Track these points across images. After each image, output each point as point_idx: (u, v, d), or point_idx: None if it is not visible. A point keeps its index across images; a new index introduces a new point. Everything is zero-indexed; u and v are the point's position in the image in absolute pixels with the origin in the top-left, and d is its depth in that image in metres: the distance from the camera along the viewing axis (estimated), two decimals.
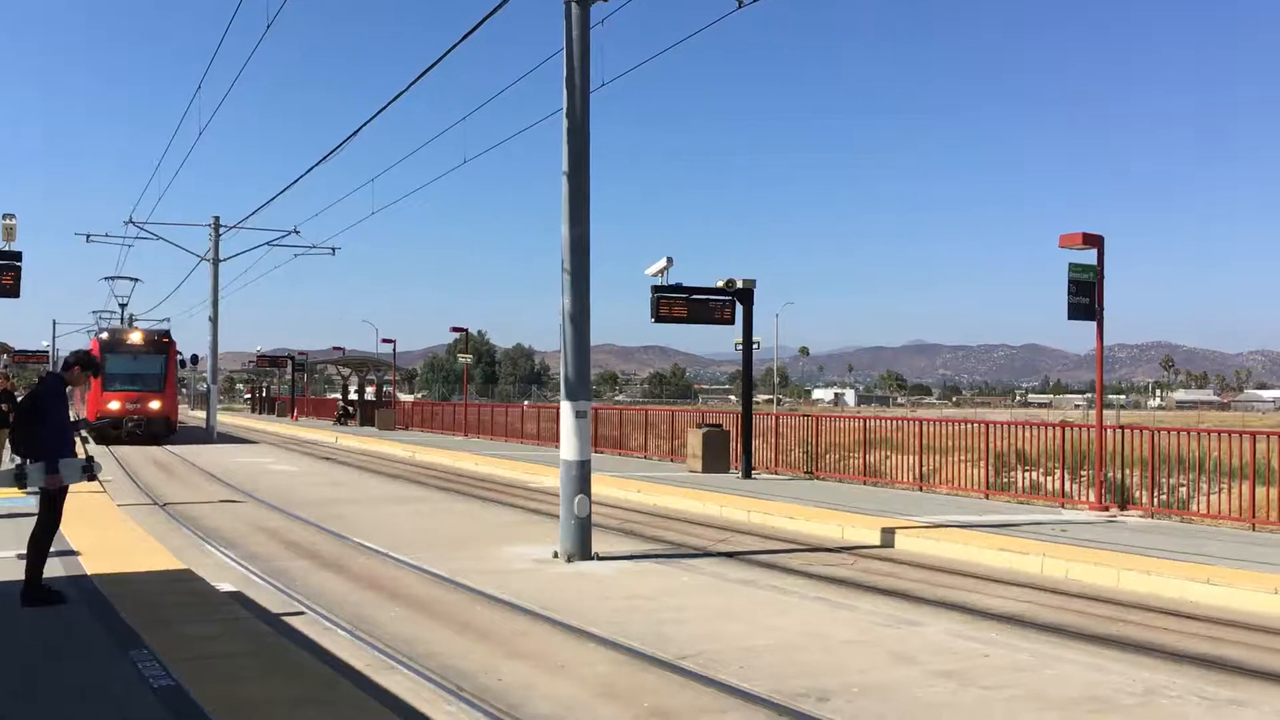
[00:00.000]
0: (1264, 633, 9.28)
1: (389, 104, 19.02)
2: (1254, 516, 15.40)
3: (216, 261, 44.80)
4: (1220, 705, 6.97)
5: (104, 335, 40.95)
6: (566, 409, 12.95)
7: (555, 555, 12.75)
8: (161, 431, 38.14)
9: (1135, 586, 11.14)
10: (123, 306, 60.29)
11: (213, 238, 45.00)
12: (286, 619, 9.19)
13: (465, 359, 51.56)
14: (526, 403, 65.44)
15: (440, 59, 16.28)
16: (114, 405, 36.76)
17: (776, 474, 24.05)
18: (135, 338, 40.18)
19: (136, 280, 57.19)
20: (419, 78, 17.18)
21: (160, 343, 39.96)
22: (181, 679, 6.33)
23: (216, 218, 45.02)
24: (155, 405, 37.98)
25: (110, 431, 36.35)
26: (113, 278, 56.45)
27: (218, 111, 27.07)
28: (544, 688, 7.24)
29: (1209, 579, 10.78)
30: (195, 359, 46.82)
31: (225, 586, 10.34)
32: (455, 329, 53.29)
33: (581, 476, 12.78)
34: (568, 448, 12.88)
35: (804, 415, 27.36)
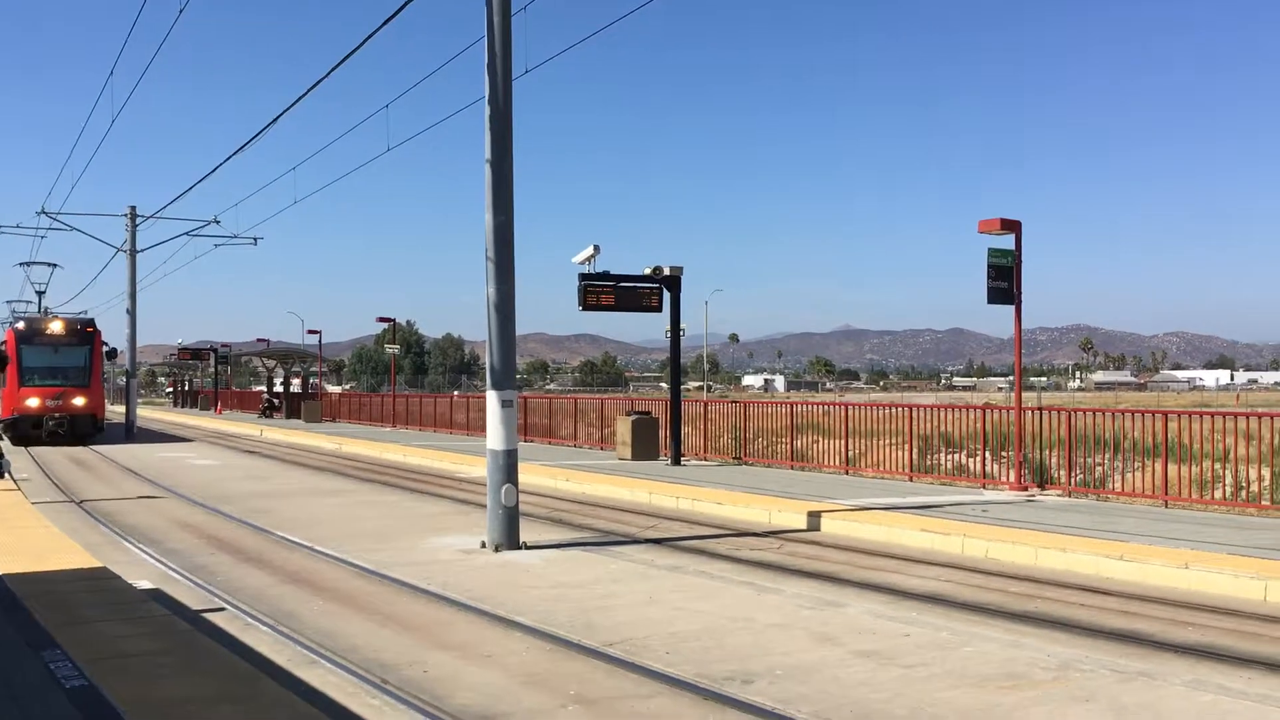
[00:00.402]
0: (1175, 606, 9.56)
1: (310, 90, 18.68)
2: (1167, 494, 15.85)
3: (134, 252, 43.73)
4: (1131, 677, 7.17)
5: (20, 325, 37.09)
6: (493, 398, 12.88)
7: (483, 545, 12.69)
8: (87, 430, 34.95)
9: (1052, 564, 11.41)
10: (40, 294, 57.77)
11: (129, 228, 43.91)
12: (206, 615, 9.04)
13: (393, 349, 51.06)
14: (456, 393, 65.06)
15: (362, 44, 16.05)
16: (33, 402, 33.89)
17: (705, 460, 24.19)
18: (56, 327, 36.26)
19: (55, 266, 53.37)
20: (340, 63, 16.91)
21: (84, 333, 36.16)
22: (95, 679, 6.19)
23: (133, 207, 43.90)
24: (79, 401, 34.74)
25: (30, 431, 33.47)
26: (28, 263, 52.67)
27: (132, 98, 26.37)
28: (469, 678, 7.22)
29: (1123, 555, 11.07)
30: (115, 353, 42.01)
31: (143, 584, 10.13)
32: (382, 319, 52.83)
33: (509, 465, 12.73)
34: (494, 437, 12.82)
35: (732, 402, 27.55)
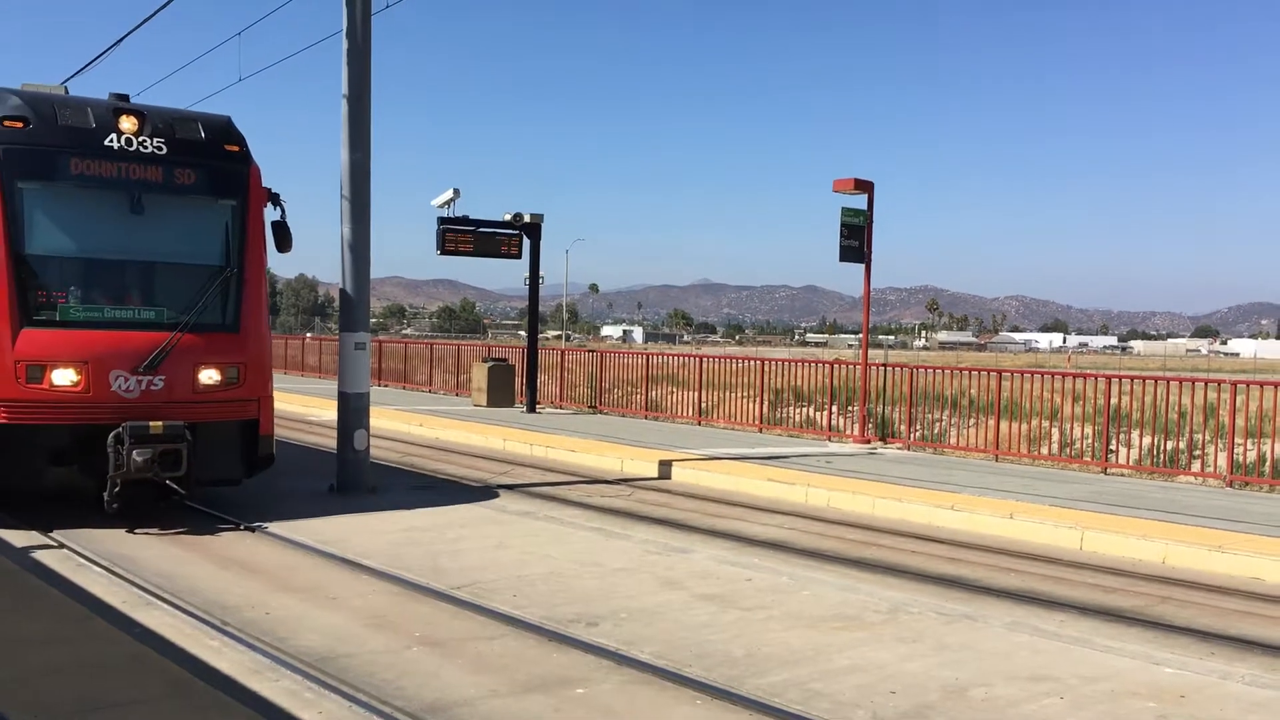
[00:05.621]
0: (999, 554, 10.12)
1: (157, 12, 17.81)
2: (999, 448, 16.67)
3: None
4: (955, 619, 7.58)
5: (21, 114, 10.16)
6: (345, 340, 12.67)
7: (332, 489, 12.52)
8: (231, 469, 10.90)
9: (889, 513, 11.91)
10: None
11: None
12: (36, 555, 8.70)
13: None
14: (309, 335, 63.43)
15: None
16: (66, 377, 9.77)
17: (561, 408, 24.29)
18: (130, 127, 10.48)
19: None
20: None
21: (221, 156, 11.11)
22: None
23: None
24: (213, 376, 10.50)
25: (50, 475, 9.96)
26: None
27: None
28: (314, 620, 7.16)
29: (954, 505, 11.63)
30: (288, 231, 11.74)
31: None
32: None
33: (360, 409, 12.56)
34: (346, 380, 12.62)
35: (589, 351, 27.67)
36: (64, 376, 9.77)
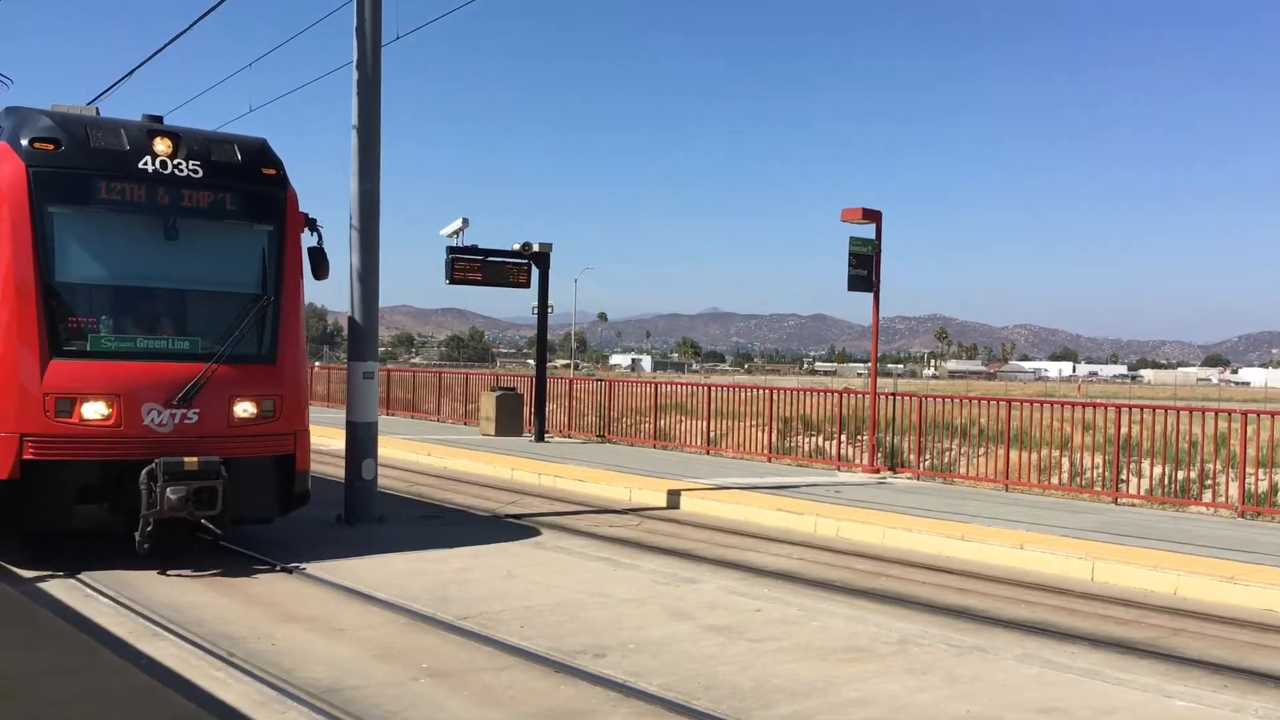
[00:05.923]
0: (1009, 584, 10.05)
1: (167, 45, 18.00)
2: (1008, 478, 16.59)
3: None
4: (966, 651, 7.52)
5: (45, 135, 9.74)
6: (354, 370, 12.70)
7: (339, 518, 12.50)
8: (264, 507, 10.52)
9: (898, 543, 11.84)
10: None
11: None
12: (41, 585, 8.69)
13: None
14: (317, 364, 63.55)
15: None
16: (97, 410, 9.30)
17: (570, 437, 24.26)
18: (163, 149, 10.02)
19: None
20: (202, 17, 16.34)
21: (261, 179, 10.65)
22: None
23: None
24: (248, 409, 10.06)
25: (79, 513, 9.47)
26: None
27: None
28: (320, 651, 7.13)
29: (964, 536, 11.56)
30: (324, 256, 11.41)
31: None
32: None
33: (368, 438, 12.57)
34: (354, 409, 12.65)
35: (598, 380, 27.68)
36: (94, 410, 9.27)
